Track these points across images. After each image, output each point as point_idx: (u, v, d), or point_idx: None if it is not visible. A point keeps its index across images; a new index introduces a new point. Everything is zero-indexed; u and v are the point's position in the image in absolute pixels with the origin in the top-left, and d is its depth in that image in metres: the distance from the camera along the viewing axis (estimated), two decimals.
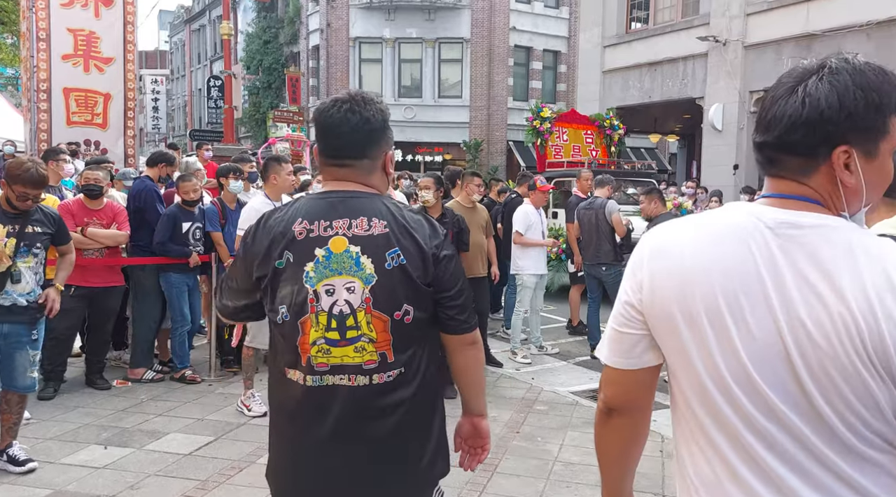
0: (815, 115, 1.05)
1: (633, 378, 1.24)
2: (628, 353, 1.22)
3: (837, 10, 11.64)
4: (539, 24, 25.34)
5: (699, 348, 1.11)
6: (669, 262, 1.15)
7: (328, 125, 1.69)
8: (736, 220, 1.13)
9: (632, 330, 1.21)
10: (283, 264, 1.64)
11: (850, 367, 1.00)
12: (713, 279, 1.09)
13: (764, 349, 1.05)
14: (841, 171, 1.07)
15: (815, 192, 1.10)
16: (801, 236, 1.07)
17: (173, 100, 42.73)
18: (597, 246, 6.70)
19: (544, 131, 12.78)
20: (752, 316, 1.06)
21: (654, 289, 1.16)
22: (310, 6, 25.98)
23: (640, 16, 16.07)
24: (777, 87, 1.12)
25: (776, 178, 1.14)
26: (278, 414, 1.75)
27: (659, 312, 1.15)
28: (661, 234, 1.20)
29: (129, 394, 5.23)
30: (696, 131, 16.02)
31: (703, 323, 1.10)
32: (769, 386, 1.05)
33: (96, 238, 5.17)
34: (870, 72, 1.07)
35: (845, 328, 1.00)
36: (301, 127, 21.08)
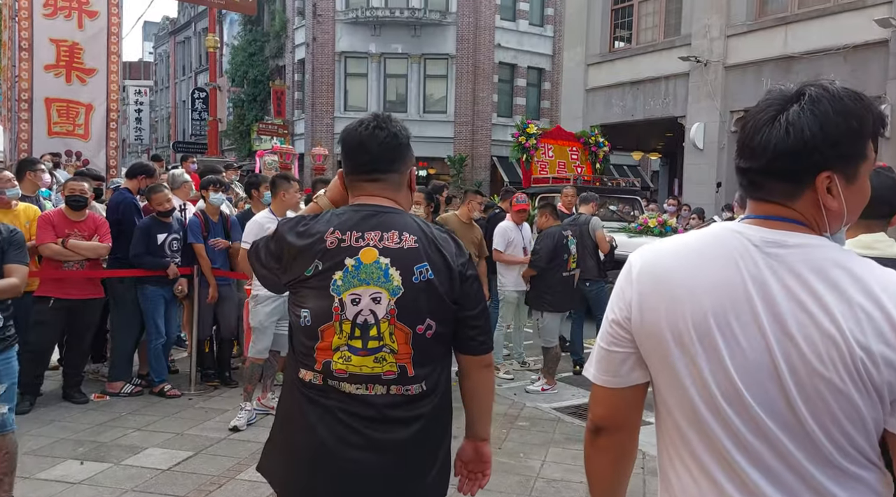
0: (799, 145, 1.08)
1: (620, 396, 1.24)
2: (616, 371, 1.23)
3: (815, 33, 11.89)
4: (524, 41, 25.59)
5: (689, 367, 1.12)
6: (658, 281, 1.16)
7: (357, 143, 1.76)
8: (723, 239, 1.15)
9: (619, 348, 1.22)
10: (311, 271, 1.67)
11: (840, 383, 1.02)
12: (702, 298, 1.11)
13: (754, 367, 1.07)
14: (824, 195, 1.10)
15: (799, 215, 1.13)
16: (787, 255, 1.09)
17: (157, 111, 42.50)
18: (581, 262, 6.74)
19: (530, 147, 12.87)
20: (742, 334, 1.08)
21: (642, 308, 1.17)
22: (296, 20, 26.04)
23: (623, 35, 16.29)
24: (758, 114, 1.15)
25: (761, 202, 1.16)
26: (290, 414, 1.75)
27: (648, 331, 1.16)
28: (649, 253, 1.22)
29: (107, 408, 5.16)
30: (678, 149, 16.21)
31: (693, 342, 1.11)
32: (758, 403, 1.07)
33: (77, 250, 5.12)
34: (847, 98, 1.10)
35: (835, 345, 1.02)
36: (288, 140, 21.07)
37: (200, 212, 5.87)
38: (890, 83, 10.84)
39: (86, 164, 9.06)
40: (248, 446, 4.39)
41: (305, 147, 22.98)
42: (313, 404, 1.68)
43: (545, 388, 6.08)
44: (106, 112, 9.77)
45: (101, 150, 9.76)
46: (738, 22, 13.17)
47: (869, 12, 11.03)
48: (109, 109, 9.80)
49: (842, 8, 11.65)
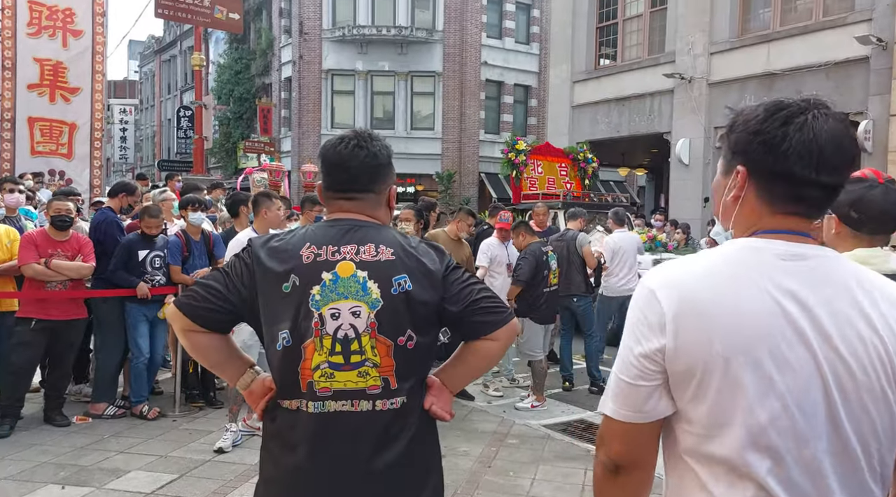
0: (852, 156, 1.12)
1: (645, 431, 1.16)
2: (643, 405, 1.14)
3: (797, 50, 12.05)
4: (510, 59, 25.78)
5: (736, 395, 1.06)
6: (695, 307, 1.09)
7: (337, 160, 1.74)
8: (746, 257, 1.12)
9: (647, 382, 1.13)
10: (289, 288, 1.63)
11: (880, 390, 1.04)
12: (746, 322, 1.06)
13: (805, 388, 1.05)
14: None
15: (811, 229, 1.15)
16: (811, 266, 1.09)
17: (142, 130, 42.36)
18: (568, 277, 6.73)
19: (519, 164, 12.92)
20: (792, 356, 1.05)
21: (679, 336, 1.09)
22: (282, 38, 26.12)
23: (608, 53, 16.45)
24: (818, 127, 1.09)
25: (790, 216, 1.14)
26: (275, 444, 1.69)
27: (687, 361, 1.09)
28: (672, 278, 1.14)
29: (89, 430, 5.06)
30: (664, 165, 16.33)
31: (744, 368, 1.05)
32: (806, 423, 1.05)
33: (60, 270, 5.05)
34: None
35: (877, 352, 1.04)
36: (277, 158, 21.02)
37: (182, 231, 5.82)
38: (871, 99, 11.00)
39: (69, 183, 8.98)
40: (234, 468, 4.31)
41: (292, 164, 22.95)
42: (298, 430, 1.64)
43: (534, 405, 6.04)
44: (90, 131, 9.71)
45: (84, 169, 9.68)
46: (721, 39, 13.33)
47: (850, 29, 11.21)
48: (94, 128, 9.74)
49: (823, 25, 11.83)
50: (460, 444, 4.93)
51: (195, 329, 1.67)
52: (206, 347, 1.72)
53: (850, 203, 1.88)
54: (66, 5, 9.55)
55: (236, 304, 1.67)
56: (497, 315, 1.70)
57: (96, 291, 5.45)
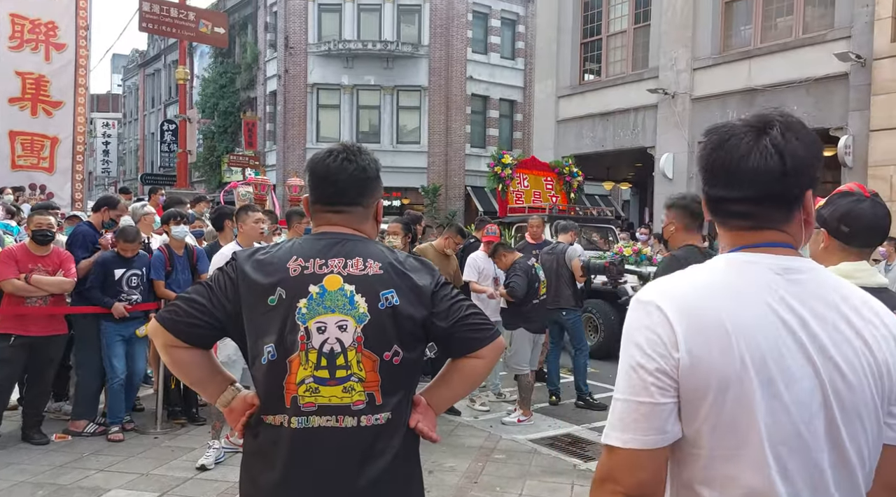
0: (799, 167, 1.10)
1: (661, 458, 1.10)
2: (664, 426, 1.08)
3: (778, 67, 12.22)
4: (496, 74, 25.96)
5: (751, 408, 1.05)
6: (702, 321, 1.07)
7: (325, 174, 1.73)
8: (744, 271, 1.13)
9: (666, 398, 1.08)
10: (275, 301, 1.61)
11: (872, 402, 1.06)
12: (753, 333, 1.06)
13: (808, 399, 1.06)
14: (811, 212, 1.15)
15: (792, 238, 1.15)
16: (806, 280, 1.11)
17: (125, 143, 42.10)
18: (557, 291, 6.73)
19: (505, 177, 12.97)
20: (795, 367, 1.06)
21: (691, 351, 1.06)
22: (268, 53, 26.14)
23: (592, 68, 16.59)
24: (728, 142, 1.13)
25: (755, 230, 1.15)
26: (256, 461, 1.66)
27: (700, 376, 1.06)
28: (674, 293, 1.12)
29: (68, 448, 4.97)
30: (649, 179, 16.45)
31: (753, 381, 1.05)
32: (810, 435, 1.06)
33: (41, 285, 4.97)
34: (803, 124, 1.15)
35: (868, 365, 1.06)
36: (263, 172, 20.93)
37: (165, 246, 5.77)
38: (851, 114, 11.16)
39: (50, 197, 8.88)
40: (217, 486, 4.25)
41: (277, 178, 22.88)
42: (280, 446, 1.61)
43: (521, 420, 6.02)
44: (72, 145, 9.64)
45: (66, 182, 9.59)
46: (704, 55, 13.50)
47: (829, 46, 11.39)
48: (76, 142, 9.66)
49: (803, 42, 12.01)
50: (447, 460, 4.89)
51: (177, 345, 1.64)
52: (187, 364, 1.68)
53: (839, 217, 1.91)
54: (49, 19, 9.49)
55: (221, 318, 1.64)
56: (483, 332, 1.70)
57: (76, 308, 5.37)
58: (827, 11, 11.92)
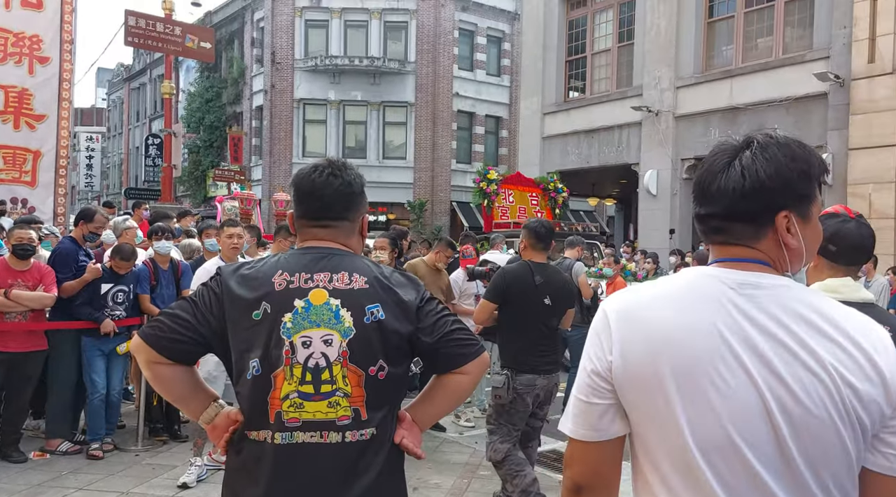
0: (756, 185, 1.13)
1: (601, 451, 1.20)
2: (597, 423, 1.19)
3: (759, 86, 12.42)
4: (482, 90, 26.13)
5: (676, 414, 1.10)
6: (638, 327, 1.15)
7: (310, 189, 1.73)
8: (698, 283, 1.17)
9: (600, 400, 1.18)
10: (260, 315, 1.60)
11: (829, 421, 1.04)
12: (685, 343, 1.10)
13: (744, 409, 1.06)
14: (784, 234, 1.15)
15: (765, 256, 1.17)
16: (763, 296, 1.11)
17: (109, 157, 41.82)
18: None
19: (491, 193, 13.03)
20: (730, 377, 1.07)
21: (625, 355, 1.15)
22: (254, 68, 26.16)
23: (577, 85, 16.76)
24: (711, 162, 1.20)
25: (726, 245, 1.19)
26: (239, 477, 1.64)
27: (632, 379, 1.14)
28: (625, 301, 1.20)
29: (46, 467, 4.88)
30: (633, 195, 16.59)
31: (681, 388, 1.10)
32: (749, 447, 1.06)
33: (21, 301, 4.91)
34: (793, 144, 1.17)
35: (822, 383, 1.04)
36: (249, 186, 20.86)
37: (150, 260, 5.72)
38: (830, 133, 11.34)
39: (31, 211, 8.79)
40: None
41: (263, 193, 22.82)
42: (263, 462, 1.59)
43: None
44: (55, 158, 9.54)
45: (48, 197, 9.49)
46: (686, 74, 13.69)
47: (809, 66, 11.59)
48: (59, 156, 9.57)
49: (783, 62, 12.22)
50: (431, 477, 4.86)
51: (160, 361, 1.62)
52: (170, 380, 1.67)
53: (827, 237, 2.03)
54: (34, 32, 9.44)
55: (205, 334, 1.63)
56: (468, 348, 1.70)
57: (56, 323, 5.29)
58: (806, 33, 12.15)
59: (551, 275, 4.32)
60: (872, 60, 10.75)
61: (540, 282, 4.15)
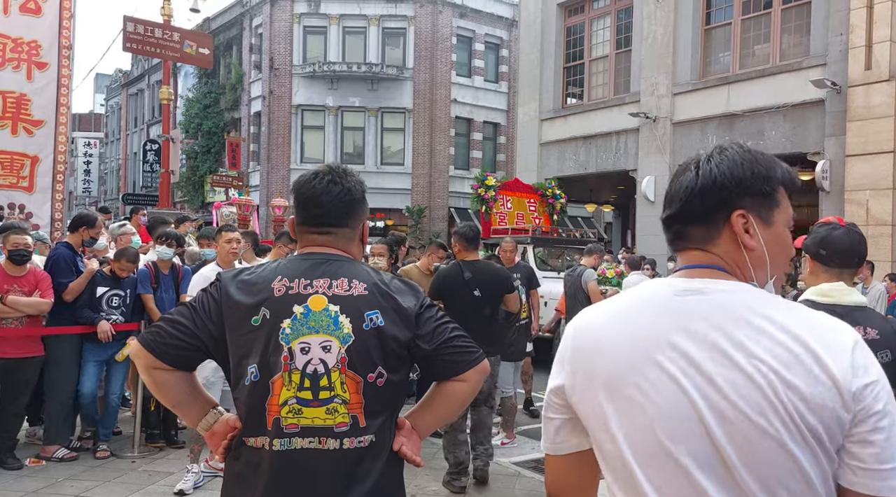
0: (708, 183, 1.13)
1: (563, 463, 1.22)
2: (553, 438, 1.21)
3: (756, 92, 12.45)
4: (479, 97, 26.18)
5: (610, 424, 1.10)
6: (583, 340, 1.17)
7: (310, 196, 1.73)
8: (648, 293, 1.16)
9: (555, 414, 1.20)
10: (259, 321, 1.60)
11: (772, 430, 0.97)
12: (619, 353, 1.10)
13: (674, 416, 1.03)
14: (741, 233, 1.12)
15: (721, 260, 1.14)
16: (705, 301, 1.08)
17: (106, 163, 41.81)
18: (573, 312, 6.82)
19: (489, 199, 13.03)
20: (658, 384, 1.05)
21: (574, 371, 1.16)
22: (252, 73, 26.18)
23: (575, 92, 16.80)
24: (676, 171, 1.22)
25: (686, 251, 1.18)
26: (236, 484, 1.64)
27: (579, 394, 1.15)
28: (581, 317, 1.22)
29: (42, 473, 4.86)
30: (631, 201, 16.61)
31: (613, 397, 1.09)
32: (683, 452, 1.02)
33: (17, 306, 4.90)
34: (756, 152, 1.16)
35: (759, 389, 0.98)
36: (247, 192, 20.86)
37: (151, 263, 5.72)
38: (827, 140, 11.37)
39: (29, 217, 8.78)
40: None
41: (261, 199, 22.82)
42: (262, 469, 1.58)
43: (504, 442, 5.98)
44: (53, 164, 9.52)
45: (45, 202, 9.46)
46: (684, 81, 13.73)
47: (805, 73, 11.63)
48: (56, 161, 9.55)
49: (780, 69, 12.26)
50: (429, 483, 4.84)
51: (159, 366, 1.62)
52: (169, 386, 1.66)
53: (817, 243, 2.20)
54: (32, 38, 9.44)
55: (204, 340, 1.63)
56: (468, 356, 1.69)
57: (52, 328, 5.27)
58: (803, 40, 12.19)
59: (480, 269, 4.90)
60: (869, 67, 10.79)
61: (469, 276, 4.77)
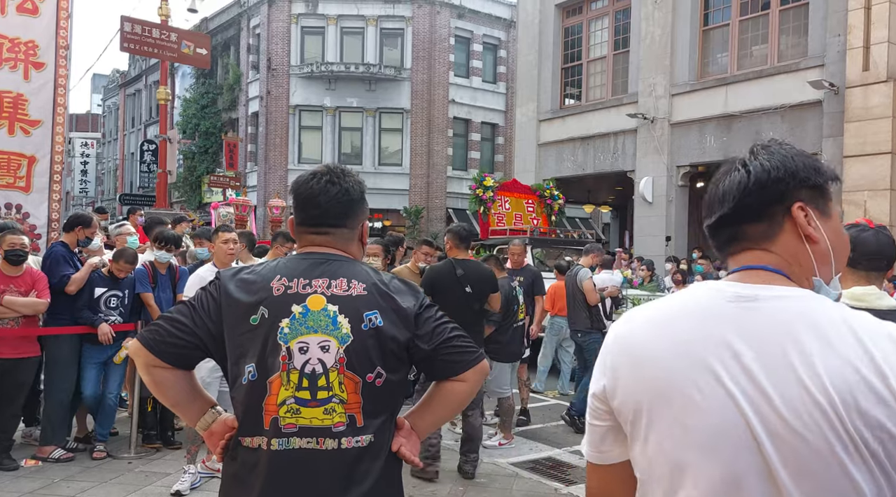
0: (763, 177, 1.09)
1: (605, 474, 1.18)
2: (599, 445, 1.17)
3: (753, 93, 12.47)
4: (477, 97, 26.18)
5: (649, 435, 1.05)
6: (625, 347, 1.12)
7: (308, 196, 1.73)
8: (696, 298, 1.09)
9: (599, 422, 1.15)
10: (257, 320, 1.60)
11: (827, 450, 0.91)
12: (664, 362, 1.04)
13: (720, 431, 0.98)
14: (804, 224, 1.07)
15: (780, 259, 1.08)
16: (761, 309, 1.01)
17: (103, 163, 41.75)
18: (573, 313, 6.85)
19: (487, 200, 13.04)
20: (707, 396, 0.99)
21: (615, 376, 1.11)
22: (250, 74, 26.17)
23: (572, 93, 16.81)
24: (716, 176, 1.16)
25: (741, 254, 1.12)
26: (233, 485, 1.63)
27: (620, 401, 1.10)
28: (623, 319, 1.17)
29: (38, 474, 4.83)
30: (628, 202, 16.61)
31: (654, 408, 1.04)
32: (727, 465, 0.97)
33: (14, 307, 4.88)
34: (796, 149, 1.14)
35: (819, 407, 0.92)
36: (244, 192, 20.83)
37: (149, 263, 5.70)
38: (825, 141, 11.39)
39: (26, 217, 8.74)
40: None
41: (258, 199, 22.80)
42: (259, 469, 1.58)
43: (502, 443, 5.97)
44: (50, 164, 9.47)
45: (42, 202, 9.40)
46: (682, 82, 13.74)
47: (803, 74, 11.65)
48: (53, 161, 9.50)
49: (777, 70, 12.27)
50: (427, 484, 4.83)
51: (159, 365, 1.62)
52: (169, 384, 1.65)
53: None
54: (29, 38, 9.40)
55: (203, 338, 1.62)
56: (467, 356, 1.69)
57: (49, 329, 5.26)
58: (800, 41, 12.21)
59: (471, 267, 5.15)
60: (867, 68, 10.81)
61: (461, 273, 5.00)
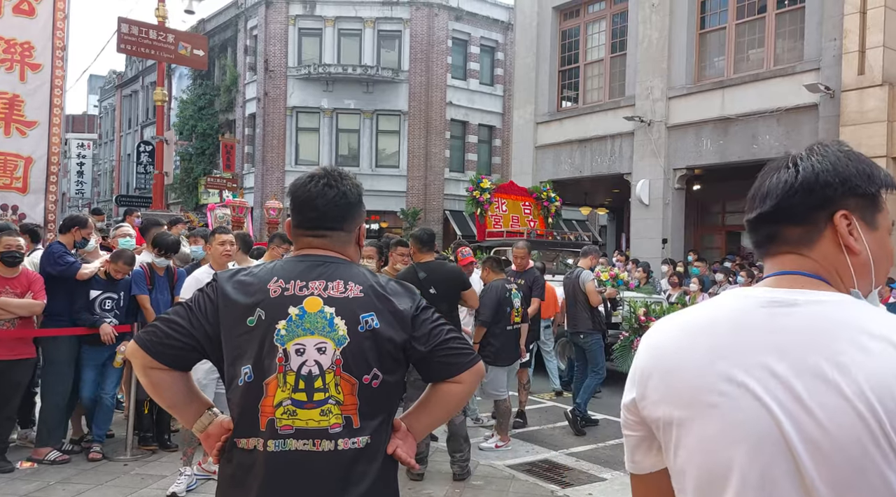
0: (811, 178, 1.04)
1: (640, 483, 1.16)
2: (632, 456, 1.15)
3: (750, 97, 12.50)
4: (475, 99, 26.20)
5: (679, 444, 1.03)
6: (655, 355, 1.09)
7: (305, 199, 1.73)
8: (729, 305, 1.05)
9: (631, 432, 1.14)
10: (254, 321, 1.60)
11: (869, 463, 0.88)
12: (694, 370, 1.02)
13: (755, 441, 0.95)
14: (846, 235, 1.02)
15: (817, 265, 1.04)
16: (797, 314, 0.98)
17: (100, 164, 41.67)
18: (574, 314, 6.85)
19: (484, 202, 13.05)
20: (739, 405, 0.97)
21: (645, 386, 1.08)
22: (247, 75, 26.16)
23: (570, 95, 16.83)
24: (766, 169, 1.12)
25: (777, 256, 1.08)
26: (229, 487, 1.63)
27: (650, 410, 1.08)
28: (654, 330, 1.14)
29: (34, 476, 4.82)
30: (625, 205, 16.63)
31: (684, 419, 1.02)
32: (758, 475, 0.94)
33: (9, 308, 4.86)
34: (853, 152, 1.08)
35: (860, 418, 0.88)
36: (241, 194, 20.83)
37: (147, 265, 5.69)
38: None
39: (22, 217, 8.73)
40: None
41: (255, 201, 22.79)
42: (255, 471, 1.58)
43: (499, 445, 5.97)
44: (46, 165, 9.47)
45: (39, 203, 9.41)
46: (679, 85, 13.77)
47: (799, 78, 11.68)
48: (50, 162, 9.50)
49: (774, 74, 12.31)
50: (424, 486, 4.83)
51: (156, 366, 1.62)
52: (166, 386, 1.65)
53: None
54: (25, 39, 9.40)
55: (200, 339, 1.63)
56: (463, 357, 1.69)
57: (45, 330, 5.24)
58: (796, 44, 12.25)
59: (434, 269, 5.19)
60: (862, 72, 10.85)
61: (424, 276, 5.03)
